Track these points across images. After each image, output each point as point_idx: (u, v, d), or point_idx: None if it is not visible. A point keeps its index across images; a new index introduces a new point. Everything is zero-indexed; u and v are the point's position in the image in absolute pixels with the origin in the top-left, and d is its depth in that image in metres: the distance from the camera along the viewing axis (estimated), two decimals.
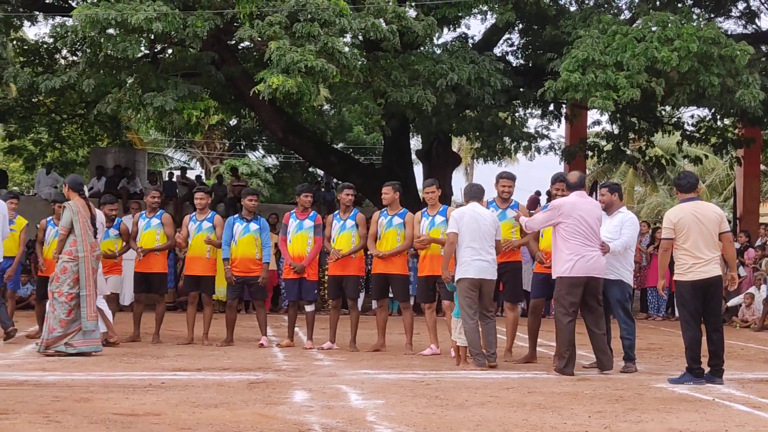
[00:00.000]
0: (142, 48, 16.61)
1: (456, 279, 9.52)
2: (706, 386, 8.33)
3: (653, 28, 15.92)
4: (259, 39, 15.17)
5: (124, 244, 11.87)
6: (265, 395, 7.36)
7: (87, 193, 11.25)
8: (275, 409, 6.69)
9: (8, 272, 11.85)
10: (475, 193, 9.83)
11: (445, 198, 11.51)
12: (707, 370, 8.65)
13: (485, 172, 69.00)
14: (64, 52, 19.51)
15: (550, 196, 10.49)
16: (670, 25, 15.64)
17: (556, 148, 23.13)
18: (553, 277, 9.18)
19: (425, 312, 11.02)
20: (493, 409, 6.91)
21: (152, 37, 15.84)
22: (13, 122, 23.83)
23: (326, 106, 25.79)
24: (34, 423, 5.94)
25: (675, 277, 8.73)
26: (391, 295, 11.57)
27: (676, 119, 23.71)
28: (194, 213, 11.78)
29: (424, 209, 10.85)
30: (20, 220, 12.10)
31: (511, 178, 10.36)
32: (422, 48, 18.21)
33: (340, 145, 29.47)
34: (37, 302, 12.18)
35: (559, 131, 28.93)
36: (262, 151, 33.88)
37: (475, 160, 42.48)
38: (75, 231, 10.16)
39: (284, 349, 11.13)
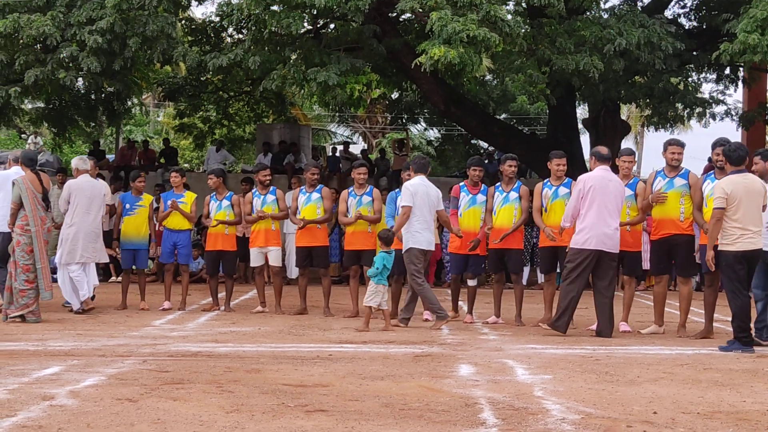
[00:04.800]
0: (305, 24, 16.94)
1: (406, 248, 10.45)
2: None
3: None
4: (421, 10, 15.20)
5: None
6: (430, 368, 7.43)
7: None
8: (441, 383, 6.75)
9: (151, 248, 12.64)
10: (422, 165, 10.86)
11: (613, 169, 11.22)
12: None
13: (656, 141, 66.98)
14: (230, 30, 20.08)
15: (711, 162, 10.17)
16: None
17: (733, 114, 22.15)
18: (570, 246, 9.87)
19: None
20: (666, 385, 6.75)
21: (315, 13, 16.12)
22: (183, 101, 24.77)
23: (489, 76, 25.57)
24: (208, 393, 6.21)
25: (722, 248, 8.78)
26: (558, 270, 11.44)
27: None
28: (352, 188, 11.95)
29: None
30: (189, 194, 12.67)
31: (680, 144, 10.06)
32: (588, 13, 17.80)
33: (503, 115, 29.21)
34: (209, 276, 12.71)
35: (735, 96, 27.74)
36: (424, 124, 33.97)
37: (645, 129, 41.26)
38: (24, 206, 10.72)
39: (449, 322, 11.18)
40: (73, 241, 11.56)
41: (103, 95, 21.80)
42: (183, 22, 21.27)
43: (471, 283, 11.44)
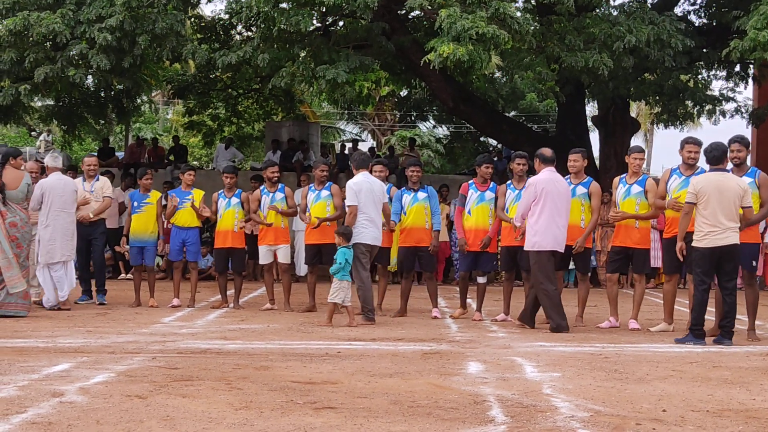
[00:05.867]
0: (314, 21, 16.95)
1: (352, 243, 10.56)
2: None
3: None
4: (429, 7, 15.19)
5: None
6: (439, 366, 7.43)
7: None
8: (450, 380, 6.75)
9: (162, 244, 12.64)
10: (363, 161, 11.06)
11: (623, 166, 11.23)
12: (717, 332, 9.24)
13: (665, 138, 66.93)
14: (240, 27, 20.11)
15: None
16: None
17: (743, 111, 22.12)
18: (528, 249, 10.15)
19: (607, 283, 10.85)
20: (675, 383, 6.74)
21: (324, 10, 16.13)
22: (192, 98, 24.82)
23: (498, 74, 25.57)
24: (216, 389, 6.22)
25: (693, 243, 9.15)
26: (571, 267, 11.44)
27: None
28: None
29: (623, 176, 10.59)
30: (197, 192, 12.66)
31: (698, 143, 10.00)
32: (598, 10, 17.77)
33: (512, 113, 29.20)
34: (218, 274, 12.74)
35: (746, 93, 27.67)
36: (433, 122, 33.98)
37: (654, 126, 41.25)
38: None
39: (458, 320, 11.20)
40: (50, 241, 11.54)
41: (112, 93, 21.85)
42: (192, 19, 21.29)
43: (481, 280, 11.43)
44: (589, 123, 23.09)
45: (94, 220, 12.52)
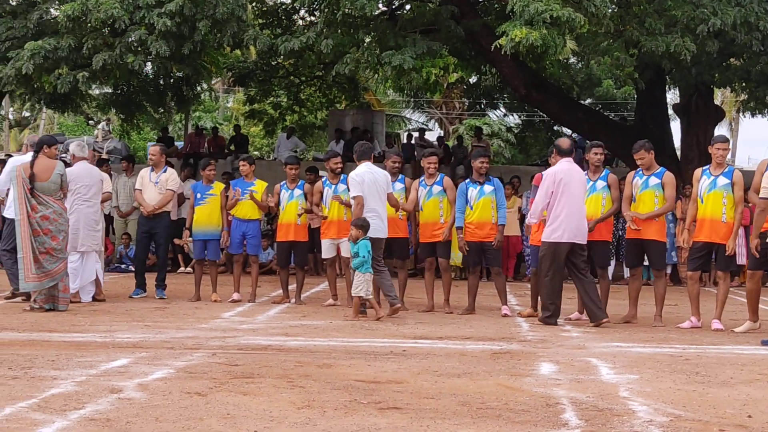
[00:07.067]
0: (380, 5, 16.95)
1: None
2: None
3: None
4: None
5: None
6: (509, 366, 7.41)
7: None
8: (521, 381, 6.73)
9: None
10: (364, 152, 11.18)
11: (706, 157, 11.06)
12: None
13: (752, 128, 65.56)
14: (302, 12, 20.22)
15: None
16: None
17: None
18: (543, 240, 10.40)
19: (688, 281, 10.69)
20: (762, 388, 6.63)
21: None
22: (253, 86, 25.00)
23: (573, 59, 25.32)
24: (278, 387, 6.28)
25: None
26: (646, 263, 11.31)
27: None
28: (423, 177, 11.92)
29: (706, 167, 10.44)
30: (260, 183, 12.76)
31: None
32: None
33: (588, 100, 28.89)
34: (280, 268, 12.82)
35: None
36: (504, 110, 33.80)
37: (740, 114, 40.53)
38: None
39: (529, 318, 11.13)
40: (73, 229, 11.68)
41: (171, 80, 22.10)
42: (254, 4, 21.42)
43: None
44: (670, 111, 22.75)
45: (158, 212, 12.69)
